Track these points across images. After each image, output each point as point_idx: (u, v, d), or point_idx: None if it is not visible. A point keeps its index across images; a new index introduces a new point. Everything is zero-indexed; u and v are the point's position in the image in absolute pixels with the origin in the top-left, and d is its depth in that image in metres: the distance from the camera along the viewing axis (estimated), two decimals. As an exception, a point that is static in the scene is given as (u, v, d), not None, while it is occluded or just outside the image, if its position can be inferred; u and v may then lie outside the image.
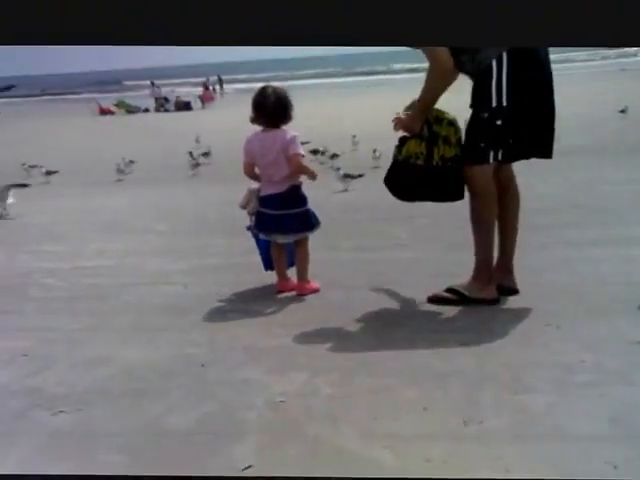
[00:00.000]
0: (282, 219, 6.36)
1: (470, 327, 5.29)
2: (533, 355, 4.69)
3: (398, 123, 5.75)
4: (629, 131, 16.98)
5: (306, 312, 5.93)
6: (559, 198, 9.49)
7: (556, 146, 5.67)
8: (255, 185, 6.58)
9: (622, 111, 19.81)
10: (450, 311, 5.67)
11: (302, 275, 6.47)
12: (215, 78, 60.73)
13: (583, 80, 34.86)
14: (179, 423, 4.09)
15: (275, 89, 6.42)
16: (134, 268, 7.73)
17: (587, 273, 6.31)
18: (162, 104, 45.76)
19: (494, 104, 5.37)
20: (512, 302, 5.76)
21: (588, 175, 11.09)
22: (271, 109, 6.29)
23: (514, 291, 5.91)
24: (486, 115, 5.42)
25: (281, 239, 6.45)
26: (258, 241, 6.66)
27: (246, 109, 6.44)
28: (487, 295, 5.74)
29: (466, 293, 5.79)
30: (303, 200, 6.44)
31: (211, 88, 52.13)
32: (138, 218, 10.99)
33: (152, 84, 51.98)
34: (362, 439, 3.77)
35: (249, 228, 6.68)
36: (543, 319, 5.33)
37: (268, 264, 6.69)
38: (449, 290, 5.87)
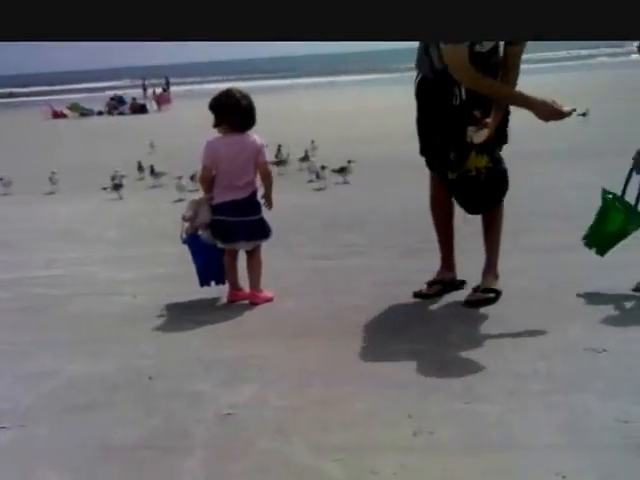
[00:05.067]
0: (245, 226, 6.28)
1: (424, 336, 5.25)
2: (486, 364, 4.67)
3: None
4: (588, 136, 17.04)
5: (258, 322, 5.87)
6: (513, 204, 9.45)
7: (513, 150, 5.76)
8: (198, 196, 6.47)
9: (583, 114, 19.89)
10: (404, 320, 5.64)
11: (255, 284, 6.37)
12: (149, 80, 58.28)
13: (548, 78, 34.96)
14: (126, 438, 4.02)
15: (241, 92, 6.32)
16: (83, 278, 7.61)
17: (543, 280, 6.31)
18: (115, 106, 45.12)
19: None
20: (467, 310, 5.75)
21: (544, 181, 11.13)
22: (240, 113, 6.21)
23: (462, 282, 6.23)
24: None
25: (244, 246, 6.38)
26: (195, 256, 6.53)
27: (206, 112, 6.36)
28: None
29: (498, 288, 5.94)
30: (259, 206, 6.39)
31: (152, 91, 50.84)
32: (89, 226, 10.84)
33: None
34: (311, 452, 3.73)
35: (185, 241, 6.53)
36: (498, 327, 5.33)
37: (204, 279, 6.55)
38: (488, 290, 5.93)
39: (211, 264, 6.48)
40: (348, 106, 32.41)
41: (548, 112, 5.54)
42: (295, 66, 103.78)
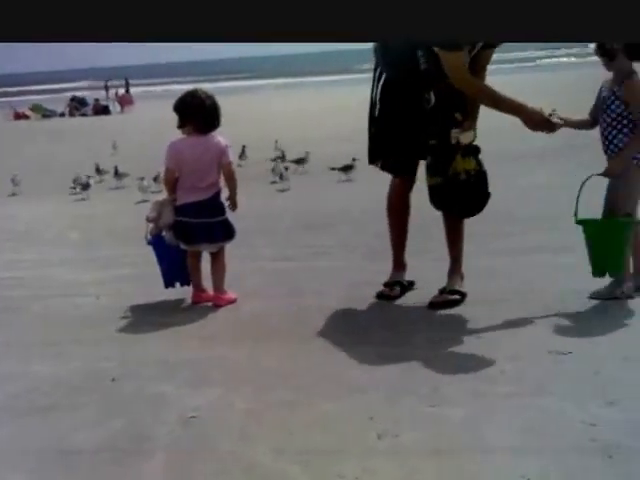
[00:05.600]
0: (207, 227, 6.23)
1: (389, 338, 5.23)
2: (453, 366, 4.66)
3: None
4: (555, 136, 17.07)
5: (221, 324, 5.83)
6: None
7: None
8: (161, 197, 6.43)
9: (549, 115, 19.93)
10: (370, 322, 5.63)
11: (218, 286, 6.32)
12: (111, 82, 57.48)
13: (513, 79, 35.09)
14: (88, 440, 3.97)
15: (206, 93, 6.29)
16: (46, 279, 7.53)
17: (509, 281, 6.31)
18: (76, 107, 44.63)
19: None
20: (432, 312, 5.74)
21: (511, 182, 11.10)
22: (205, 114, 6.18)
23: (411, 283, 6.29)
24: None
25: (207, 248, 6.33)
26: (160, 257, 6.48)
27: (170, 113, 6.32)
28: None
29: (463, 290, 5.92)
30: (223, 208, 6.34)
31: (114, 92, 50.41)
32: (51, 227, 10.76)
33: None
34: (275, 455, 3.69)
35: (150, 243, 6.49)
36: (464, 329, 5.32)
37: (169, 280, 6.51)
38: (454, 292, 5.92)
39: (176, 265, 6.43)
40: (315, 106, 32.36)
41: (538, 121, 5.57)
42: (260, 67, 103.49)
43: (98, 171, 15.65)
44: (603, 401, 4.01)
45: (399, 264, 6.28)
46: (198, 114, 6.15)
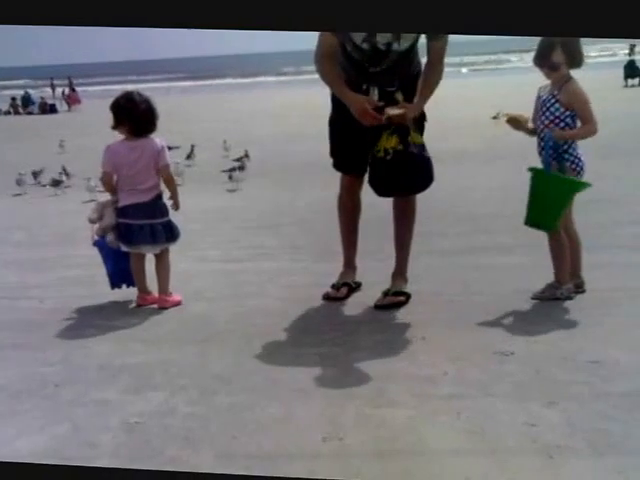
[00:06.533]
0: (149, 229, 6.20)
1: (335, 340, 5.22)
2: (397, 368, 4.66)
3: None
4: (499, 137, 17.19)
5: (166, 326, 5.79)
6: (426, 205, 9.47)
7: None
8: (105, 198, 6.39)
9: (494, 117, 20.07)
10: (315, 324, 5.63)
11: (163, 288, 6.29)
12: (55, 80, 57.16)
13: (460, 83, 35.30)
14: (29, 447, 3.91)
15: (142, 96, 6.27)
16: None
17: (453, 283, 6.34)
18: (20, 105, 44.05)
19: None
20: (377, 313, 5.75)
21: (454, 182, 11.18)
22: (141, 117, 6.15)
23: (359, 284, 6.30)
24: None
25: (149, 250, 6.30)
26: (106, 258, 6.44)
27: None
28: None
29: (408, 291, 5.93)
30: (166, 209, 6.31)
31: (61, 90, 50.01)
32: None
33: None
34: (220, 460, 3.68)
35: (96, 244, 6.44)
36: (408, 330, 5.32)
37: (115, 282, 6.48)
38: (398, 293, 5.90)
39: (122, 266, 6.39)
40: (270, 105, 32.35)
41: (359, 111, 5.51)
42: (214, 67, 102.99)
43: (35, 174, 15.33)
44: (544, 402, 4.05)
45: (349, 265, 6.28)
46: (131, 117, 6.13)
